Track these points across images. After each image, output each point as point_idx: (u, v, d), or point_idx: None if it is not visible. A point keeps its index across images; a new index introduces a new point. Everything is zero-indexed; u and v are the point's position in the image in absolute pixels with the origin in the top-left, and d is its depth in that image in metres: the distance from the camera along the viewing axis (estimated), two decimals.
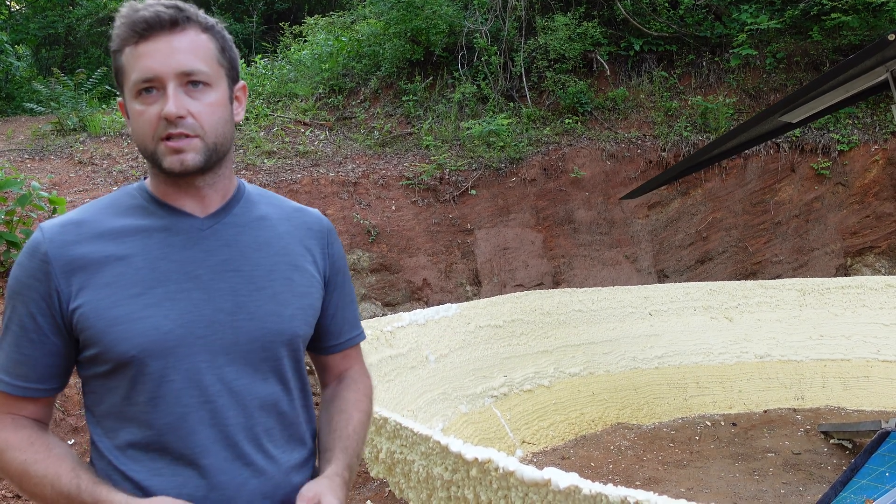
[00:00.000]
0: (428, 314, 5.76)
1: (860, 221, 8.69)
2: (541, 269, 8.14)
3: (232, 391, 1.41)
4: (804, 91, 4.84)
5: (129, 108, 1.40)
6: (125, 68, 1.39)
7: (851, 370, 6.70)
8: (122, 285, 1.36)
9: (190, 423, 1.37)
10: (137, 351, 1.34)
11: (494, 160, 8.42)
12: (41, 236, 1.38)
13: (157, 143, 1.37)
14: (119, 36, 1.38)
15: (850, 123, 9.02)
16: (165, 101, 1.35)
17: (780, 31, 9.70)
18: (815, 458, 5.62)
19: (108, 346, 1.35)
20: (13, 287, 1.39)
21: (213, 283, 1.41)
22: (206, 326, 1.38)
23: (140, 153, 1.43)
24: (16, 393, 1.40)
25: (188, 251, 1.41)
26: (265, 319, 1.44)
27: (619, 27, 10.20)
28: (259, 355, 1.44)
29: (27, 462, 1.35)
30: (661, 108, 9.48)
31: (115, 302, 1.35)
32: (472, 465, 2.45)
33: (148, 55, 1.35)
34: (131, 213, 1.43)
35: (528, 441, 5.82)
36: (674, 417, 6.45)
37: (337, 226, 7.32)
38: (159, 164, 1.38)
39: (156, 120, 1.36)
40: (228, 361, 1.40)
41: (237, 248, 1.46)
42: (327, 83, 9.99)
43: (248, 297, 1.43)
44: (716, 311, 7.01)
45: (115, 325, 1.34)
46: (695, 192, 8.84)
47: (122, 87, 1.42)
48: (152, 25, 1.36)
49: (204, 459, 1.38)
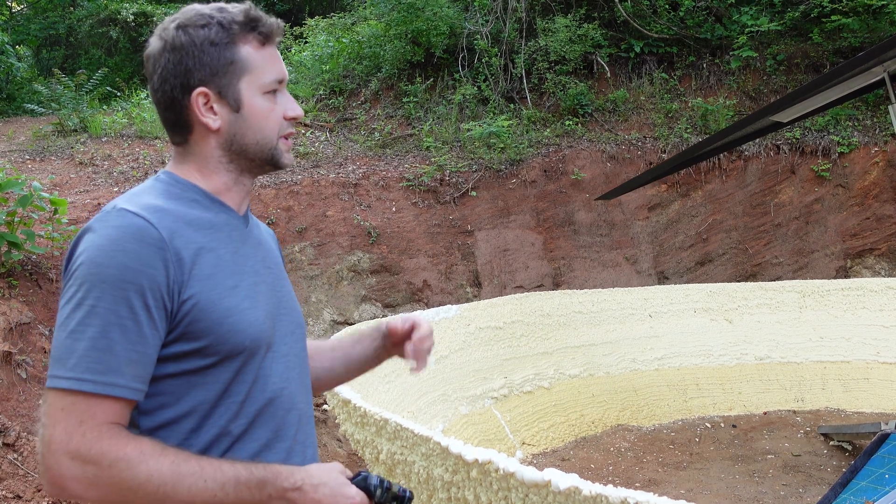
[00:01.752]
0: (428, 315, 5.76)
1: (860, 223, 8.69)
2: (541, 271, 8.14)
3: (292, 382, 1.49)
4: (799, 94, 4.85)
5: (251, 102, 1.42)
6: (248, 63, 1.42)
7: (851, 372, 6.71)
8: (221, 277, 1.37)
9: (278, 410, 1.44)
10: (251, 341, 1.37)
11: (495, 162, 8.43)
12: (143, 221, 1.30)
13: (278, 139, 1.46)
14: (235, 31, 1.41)
15: (851, 125, 9.03)
16: (288, 102, 1.47)
17: (781, 33, 9.71)
18: (814, 460, 5.62)
19: (223, 338, 1.33)
20: (115, 275, 1.25)
21: (266, 279, 1.48)
22: (275, 318, 1.45)
23: (246, 146, 1.44)
24: (135, 398, 1.28)
25: (245, 246, 1.46)
26: (294, 313, 1.55)
27: (619, 29, 10.21)
28: (299, 345, 1.54)
29: (176, 462, 1.25)
30: (662, 110, 9.49)
31: (222, 294, 1.35)
32: (472, 467, 2.45)
33: (277, 59, 1.46)
34: (193, 205, 1.41)
35: (528, 442, 5.82)
36: (674, 419, 6.45)
37: (337, 227, 7.32)
38: (277, 159, 1.47)
39: (280, 118, 1.45)
40: (287, 351, 1.48)
41: (264, 247, 1.55)
42: (328, 84, 10.00)
43: (282, 291, 1.52)
44: (716, 312, 7.01)
45: (228, 317, 1.34)
46: (695, 193, 8.84)
47: (227, 79, 1.41)
48: (276, 33, 1.46)
49: (284, 442, 1.45)
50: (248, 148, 1.44)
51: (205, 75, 1.40)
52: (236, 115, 1.42)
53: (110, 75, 12.05)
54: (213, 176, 1.46)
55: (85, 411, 1.22)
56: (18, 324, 4.74)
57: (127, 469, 1.22)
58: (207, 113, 1.41)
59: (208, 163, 1.45)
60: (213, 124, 1.42)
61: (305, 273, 6.97)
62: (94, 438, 1.22)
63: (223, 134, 1.43)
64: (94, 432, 1.22)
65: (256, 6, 1.47)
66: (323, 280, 7.05)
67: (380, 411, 3.08)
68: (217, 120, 1.42)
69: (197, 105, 1.41)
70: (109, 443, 1.22)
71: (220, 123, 1.42)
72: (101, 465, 1.21)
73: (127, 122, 9.08)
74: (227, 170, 1.46)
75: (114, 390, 1.24)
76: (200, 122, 1.42)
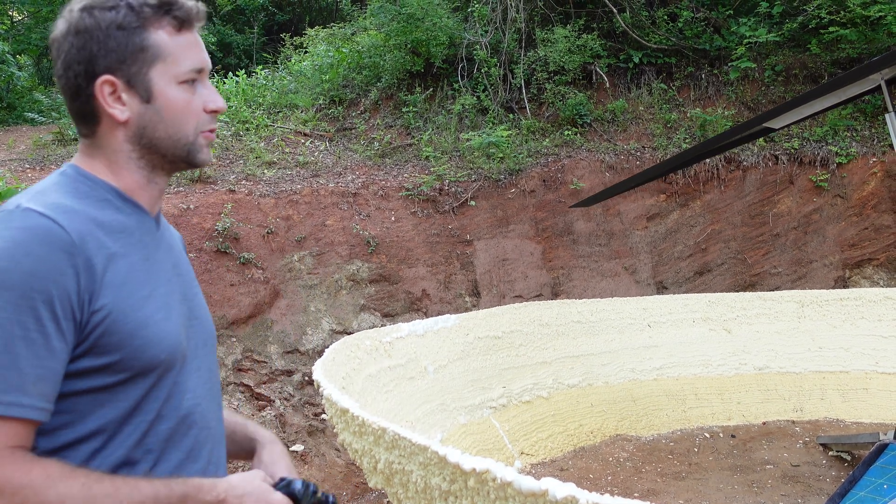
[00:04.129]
0: (427, 325, 5.76)
1: (859, 233, 8.71)
2: (540, 281, 8.15)
3: (206, 396, 1.40)
4: (794, 103, 4.88)
5: (164, 93, 1.31)
6: (161, 50, 1.30)
7: (850, 382, 6.70)
8: (134, 285, 1.26)
9: (192, 428, 1.35)
10: (166, 356, 1.28)
11: (494, 171, 8.45)
12: (52, 223, 1.18)
13: (196, 134, 1.35)
14: (146, 15, 1.29)
15: (849, 136, 9.06)
16: (209, 94, 1.36)
17: (779, 44, 9.75)
18: (813, 471, 5.62)
19: (136, 352, 1.23)
20: (20, 282, 1.13)
21: (177, 287, 1.38)
22: (188, 329, 1.37)
23: (157, 141, 1.33)
24: (41, 418, 1.16)
25: (157, 252, 1.36)
26: (206, 323, 1.46)
27: (618, 39, 10.26)
28: (210, 357, 1.45)
29: (87, 484, 1.14)
30: (661, 120, 9.52)
31: (135, 304, 1.25)
32: (469, 476, 2.45)
33: (196, 46, 1.34)
34: (104, 205, 1.30)
35: (527, 452, 5.81)
36: (672, 429, 6.44)
37: (336, 236, 7.33)
38: (193, 156, 1.36)
39: (199, 111, 1.35)
40: (199, 364, 1.39)
41: (175, 251, 1.45)
42: (328, 94, 10.03)
43: (192, 300, 1.42)
44: (714, 322, 7.01)
45: (142, 329, 1.24)
46: (693, 203, 8.86)
47: (136, 66, 1.30)
48: (195, 17, 1.34)
49: (197, 463, 1.36)
50: (159, 142, 1.33)
51: (111, 62, 1.28)
52: (147, 106, 1.31)
53: None
54: (123, 172, 1.34)
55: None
56: None
57: (34, 496, 1.11)
58: (114, 103, 1.30)
59: (118, 158, 1.33)
60: (120, 115, 1.30)
61: (304, 282, 6.97)
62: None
63: (132, 126, 1.32)
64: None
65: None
66: (322, 289, 7.05)
67: (378, 420, 3.07)
68: (125, 111, 1.30)
69: (102, 94, 1.29)
70: (12, 469, 1.11)
71: (129, 115, 1.31)
72: (3, 493, 1.10)
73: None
74: (137, 166, 1.34)
75: (19, 411, 1.12)
76: (107, 113, 1.31)
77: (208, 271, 6.40)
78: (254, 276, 6.62)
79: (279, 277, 6.84)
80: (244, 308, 6.42)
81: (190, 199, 6.90)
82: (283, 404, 6.16)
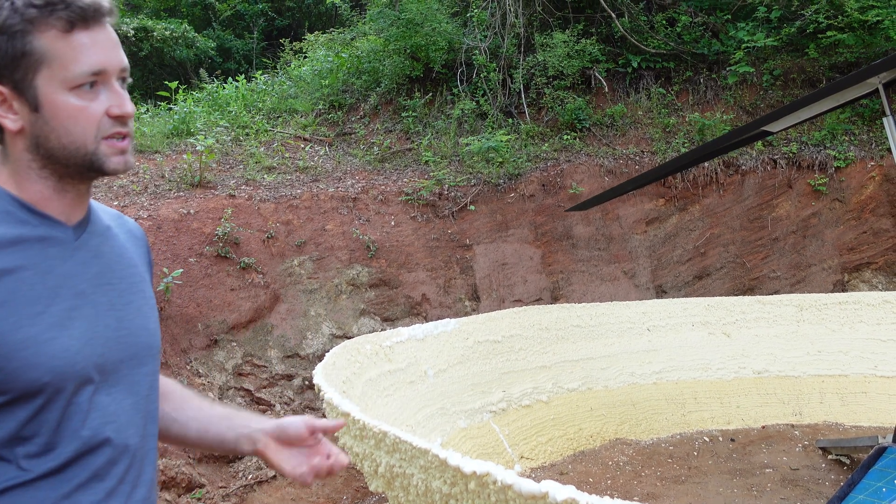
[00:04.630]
0: (427, 329, 5.78)
1: (857, 237, 8.73)
2: (539, 285, 8.16)
3: (124, 414, 1.32)
4: (792, 107, 4.90)
5: (52, 100, 1.22)
6: (47, 54, 1.21)
7: (849, 386, 6.72)
8: (20, 303, 1.18)
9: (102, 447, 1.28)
10: (52, 377, 1.19)
11: (493, 176, 8.47)
12: None
13: (98, 142, 1.26)
14: (32, 16, 1.19)
15: (847, 140, 9.08)
16: (113, 98, 1.26)
17: (777, 48, 9.78)
18: (812, 474, 5.63)
19: (14, 374, 1.16)
20: None
21: (96, 298, 1.30)
22: (102, 345, 1.28)
23: (52, 150, 1.25)
24: None
25: (67, 264, 1.27)
26: (140, 333, 1.37)
27: (617, 44, 10.28)
28: (140, 371, 1.36)
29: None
30: (659, 125, 9.55)
31: (17, 323, 1.17)
32: (470, 479, 2.47)
33: (94, 46, 1.23)
34: (2, 219, 1.22)
35: (527, 456, 5.82)
36: (672, 433, 6.45)
37: (336, 241, 7.35)
38: (100, 164, 1.28)
39: (98, 117, 1.25)
40: (118, 380, 1.31)
41: (104, 260, 1.35)
42: (327, 99, 10.06)
43: (122, 311, 1.34)
44: (714, 326, 7.03)
45: (21, 350, 1.16)
46: (692, 208, 8.88)
47: (19, 73, 1.21)
48: (93, 13, 1.23)
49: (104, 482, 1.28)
50: (55, 152, 1.25)
51: (6, 69, 1.20)
52: (36, 115, 1.23)
53: None
54: (26, 183, 1.27)
55: None
56: None
57: None
58: (7, 112, 1.23)
59: (20, 168, 1.26)
60: (11, 125, 1.23)
61: (304, 287, 6.98)
62: None
63: (27, 136, 1.25)
64: None
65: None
66: (322, 294, 7.06)
67: (379, 424, 3.09)
68: (17, 120, 1.23)
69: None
70: None
71: (22, 124, 1.24)
72: None
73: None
74: (39, 176, 1.27)
75: None
76: None
77: (208, 276, 6.42)
78: (254, 281, 6.63)
79: (279, 282, 6.86)
80: (244, 312, 6.43)
81: (190, 203, 6.91)
82: (284, 409, 6.17)
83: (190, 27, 13.71)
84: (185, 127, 8.91)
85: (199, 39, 13.69)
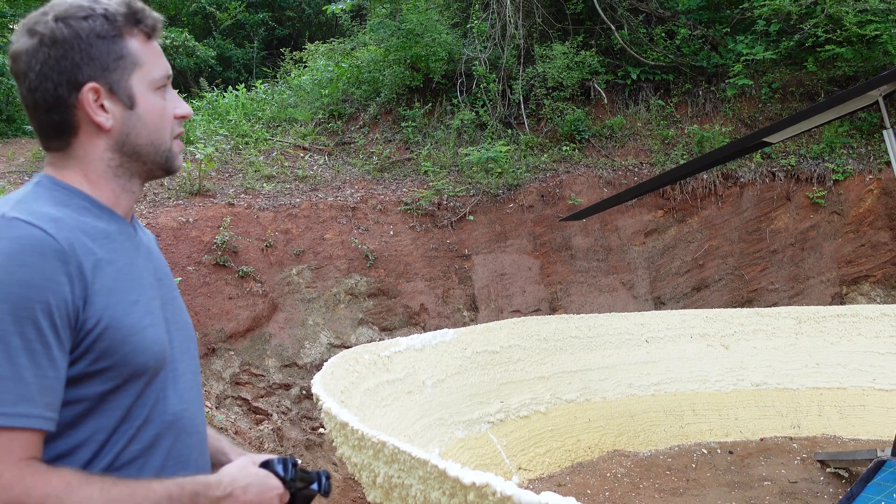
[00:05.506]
0: (425, 339, 5.77)
1: (855, 250, 8.74)
2: (538, 295, 8.16)
3: (194, 395, 1.44)
4: (793, 120, 4.92)
5: (145, 99, 1.34)
6: (138, 57, 1.33)
7: (848, 399, 6.71)
8: (122, 291, 1.27)
9: (179, 433, 1.37)
10: (154, 361, 1.29)
11: (492, 186, 8.47)
12: (41, 232, 1.18)
13: (171, 140, 1.39)
14: (120, 24, 1.31)
15: (845, 153, 9.11)
16: (175, 100, 1.40)
17: (776, 61, 9.82)
18: (811, 487, 5.61)
19: (126, 359, 1.25)
20: (17, 294, 1.14)
21: (160, 291, 1.40)
22: (171, 333, 1.39)
23: (140, 147, 1.35)
24: (49, 428, 1.18)
25: (139, 258, 1.37)
26: (187, 327, 1.48)
27: (616, 56, 10.32)
28: (194, 358, 1.48)
29: (105, 488, 1.17)
30: (658, 137, 9.57)
31: (124, 310, 1.26)
32: (469, 490, 2.45)
33: (162, 55, 1.38)
34: (84, 213, 1.29)
35: (525, 468, 5.80)
36: (670, 445, 6.44)
37: (335, 250, 7.35)
38: (171, 161, 1.40)
39: (171, 117, 1.39)
40: (185, 367, 1.42)
41: (153, 256, 1.45)
42: (327, 108, 10.07)
43: (173, 303, 1.44)
44: (712, 338, 7.02)
45: (132, 335, 1.25)
46: (691, 219, 8.89)
47: (117, 74, 1.31)
48: (159, 27, 1.38)
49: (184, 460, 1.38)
50: (141, 149, 1.35)
51: (94, 70, 1.29)
52: (130, 112, 1.33)
53: None
54: (100, 182, 1.34)
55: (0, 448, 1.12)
56: None
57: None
58: (99, 111, 1.31)
59: (95, 167, 1.34)
60: (105, 123, 1.31)
61: (303, 296, 6.97)
62: (16, 477, 1.12)
63: (115, 134, 1.33)
64: (13, 471, 1.12)
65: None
66: (320, 303, 7.05)
67: (377, 434, 3.08)
68: (109, 118, 1.32)
69: (88, 103, 1.29)
70: (33, 479, 1.13)
71: (113, 122, 1.32)
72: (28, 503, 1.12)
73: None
74: (115, 174, 1.35)
75: (28, 421, 1.14)
76: (90, 122, 1.31)
77: (207, 284, 6.40)
78: (252, 290, 6.62)
79: (277, 291, 6.85)
80: (242, 321, 6.42)
81: (189, 212, 6.91)
82: (281, 418, 6.15)
83: (190, 36, 13.73)
84: (184, 135, 8.92)
85: (199, 48, 13.71)
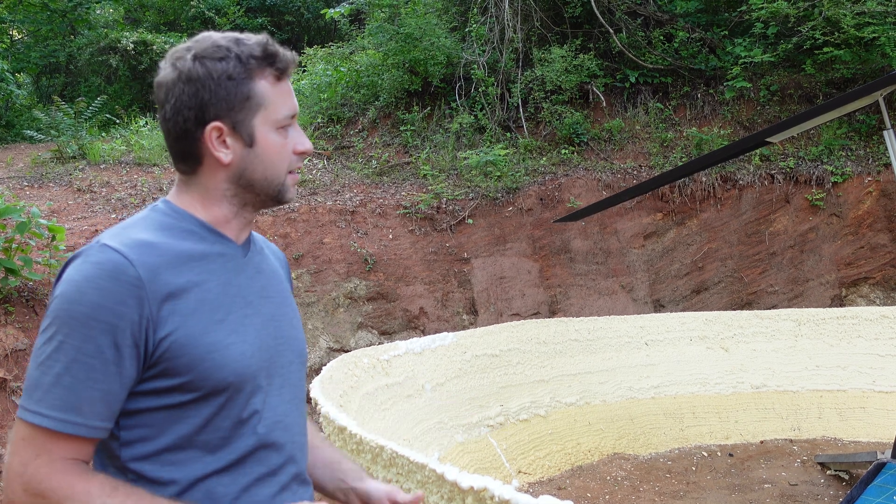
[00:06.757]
0: (424, 343, 5.76)
1: (855, 252, 8.74)
2: (537, 299, 8.15)
3: (289, 415, 1.48)
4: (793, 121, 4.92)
5: (265, 138, 1.42)
6: (264, 98, 1.41)
7: (847, 401, 6.70)
8: (206, 311, 1.35)
9: (275, 444, 1.43)
10: (235, 377, 1.36)
11: (491, 190, 8.48)
12: (122, 258, 1.29)
13: (286, 175, 1.46)
14: (252, 66, 1.40)
15: (844, 155, 9.11)
16: (298, 137, 1.47)
17: (774, 64, 9.83)
18: (811, 490, 5.60)
19: (206, 374, 1.33)
20: (85, 313, 1.26)
21: (262, 309, 1.47)
22: (268, 350, 1.45)
23: (254, 181, 1.44)
24: (94, 436, 1.28)
25: (240, 277, 1.45)
26: (292, 344, 1.53)
27: (614, 59, 10.33)
28: (297, 375, 1.54)
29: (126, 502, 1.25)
30: (657, 139, 9.57)
31: (205, 329, 1.34)
32: (467, 494, 2.45)
33: (291, 94, 1.45)
34: (187, 237, 1.40)
35: (525, 471, 5.80)
36: (670, 448, 6.43)
37: (334, 254, 7.34)
38: (283, 194, 1.47)
39: (289, 154, 1.45)
40: (283, 383, 1.48)
41: (265, 276, 1.53)
42: (326, 112, 10.08)
43: (280, 322, 1.51)
44: (712, 341, 7.02)
45: (211, 352, 1.33)
46: (690, 222, 8.89)
47: (242, 114, 1.41)
48: (291, 67, 1.46)
49: (279, 477, 1.44)
50: (256, 183, 1.44)
51: (220, 109, 1.39)
52: (249, 150, 1.42)
53: (109, 103, 12.12)
54: (213, 207, 1.45)
55: (42, 445, 1.24)
56: (14, 350, 4.74)
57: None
58: (220, 147, 1.40)
59: (212, 194, 1.44)
60: (224, 158, 1.40)
61: (302, 300, 6.97)
62: (46, 474, 1.24)
63: (233, 168, 1.42)
64: (47, 468, 1.24)
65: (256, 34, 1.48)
66: (319, 307, 7.05)
67: (376, 438, 3.07)
68: (229, 154, 1.41)
69: (210, 139, 1.39)
70: (61, 479, 1.24)
71: (232, 157, 1.41)
72: (49, 500, 1.23)
73: (125, 150, 9.12)
74: (230, 203, 1.45)
75: (72, 428, 1.25)
76: (212, 156, 1.40)
77: None
78: None
79: None
80: None
81: None
82: None
83: None
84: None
85: None
